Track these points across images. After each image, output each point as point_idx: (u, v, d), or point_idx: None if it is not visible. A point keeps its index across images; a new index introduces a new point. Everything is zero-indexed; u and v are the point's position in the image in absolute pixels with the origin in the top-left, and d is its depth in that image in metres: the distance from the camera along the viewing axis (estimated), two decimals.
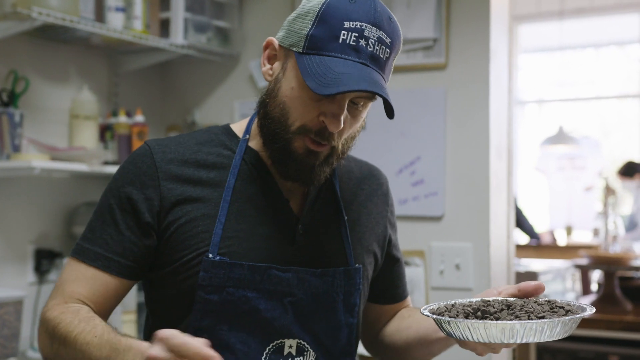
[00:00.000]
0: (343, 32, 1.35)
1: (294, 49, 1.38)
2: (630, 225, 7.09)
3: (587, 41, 9.03)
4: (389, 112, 1.38)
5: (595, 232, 7.35)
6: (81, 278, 1.43)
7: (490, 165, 2.84)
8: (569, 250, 6.81)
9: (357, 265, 1.52)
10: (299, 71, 1.36)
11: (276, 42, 1.44)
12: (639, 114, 8.33)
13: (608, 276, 4.09)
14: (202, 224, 1.42)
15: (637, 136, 8.45)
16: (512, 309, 1.28)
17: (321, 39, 1.36)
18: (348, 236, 1.53)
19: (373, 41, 1.36)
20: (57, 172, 2.90)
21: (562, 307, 1.28)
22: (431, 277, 2.90)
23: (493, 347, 1.30)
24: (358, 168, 1.66)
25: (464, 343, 1.32)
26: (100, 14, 2.89)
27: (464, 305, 1.32)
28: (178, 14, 3.08)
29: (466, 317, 1.26)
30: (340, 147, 1.43)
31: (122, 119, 3.03)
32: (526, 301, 1.32)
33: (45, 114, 2.95)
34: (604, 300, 4.08)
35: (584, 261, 4.27)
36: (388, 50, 1.38)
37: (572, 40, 8.53)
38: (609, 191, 4.55)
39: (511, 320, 1.22)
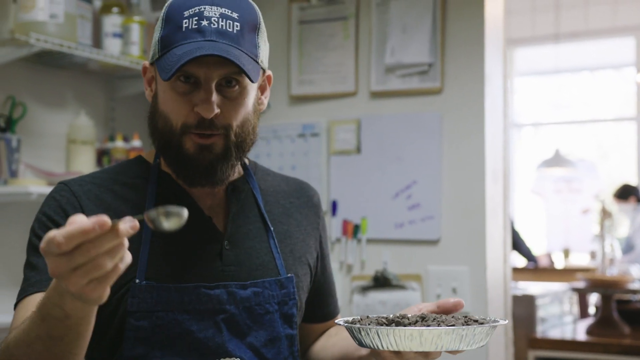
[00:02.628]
0: (184, 20, 1.37)
1: (154, 59, 1.41)
2: (627, 248, 7.09)
3: (583, 64, 9.07)
4: (249, 76, 1.36)
5: (593, 255, 7.35)
6: (29, 309, 1.27)
7: (487, 189, 2.84)
8: (566, 273, 6.81)
9: (289, 274, 1.51)
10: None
11: (147, 64, 1.47)
12: (635, 137, 8.35)
13: (605, 299, 4.09)
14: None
15: (633, 159, 8.46)
16: (425, 320, 1.28)
17: (168, 35, 1.38)
18: (277, 247, 1.52)
19: (215, 19, 1.36)
20: None
21: (476, 320, 1.29)
22: (428, 302, 2.89)
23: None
24: (285, 183, 1.65)
25: (377, 355, 1.31)
26: (97, 40, 2.91)
27: (379, 317, 1.32)
28: None
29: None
30: (233, 136, 1.40)
31: (119, 143, 3.04)
32: (443, 315, 1.33)
33: (43, 139, 2.96)
34: (602, 324, 4.07)
35: (581, 284, 4.27)
36: (238, 24, 1.38)
37: (567, 64, 8.56)
38: (605, 214, 4.55)
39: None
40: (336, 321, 1.33)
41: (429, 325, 1.24)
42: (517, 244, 7.15)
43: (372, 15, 3.04)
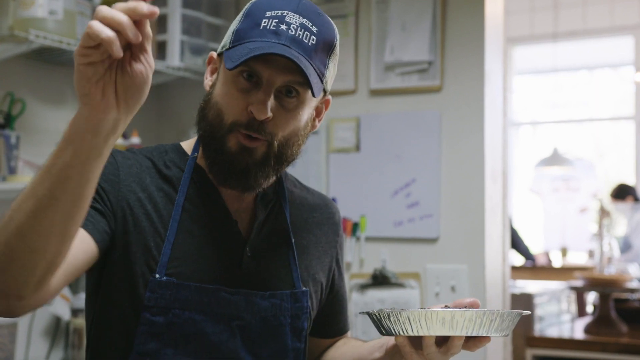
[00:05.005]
0: (264, 20, 1.36)
1: (224, 49, 1.39)
2: (625, 247, 7.09)
3: (581, 63, 9.08)
4: (312, 89, 1.34)
5: (590, 254, 7.35)
6: None
7: (486, 188, 2.84)
8: (564, 272, 6.81)
9: (304, 288, 1.50)
10: (228, 72, 1.37)
11: (215, 55, 1.46)
12: (633, 136, 8.36)
13: (603, 298, 4.09)
14: (151, 239, 1.38)
15: (631, 158, 8.47)
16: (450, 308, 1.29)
17: (244, 29, 1.37)
18: (296, 260, 1.51)
19: (295, 26, 1.35)
20: None
21: (498, 311, 1.30)
22: (427, 300, 2.90)
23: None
24: (311, 196, 1.63)
25: (394, 355, 1.30)
26: None
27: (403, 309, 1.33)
28: (174, 36, 3.10)
29: None
30: (276, 146, 1.38)
31: (118, 140, 3.04)
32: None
33: (42, 136, 2.95)
34: (600, 323, 4.07)
35: (579, 283, 4.27)
36: (314, 38, 1.36)
37: (565, 63, 8.57)
38: (603, 213, 4.56)
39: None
40: (361, 311, 1.32)
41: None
42: (515, 243, 7.15)
43: (372, 13, 3.04)
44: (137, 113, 1.10)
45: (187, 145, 1.51)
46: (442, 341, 1.27)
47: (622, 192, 7.36)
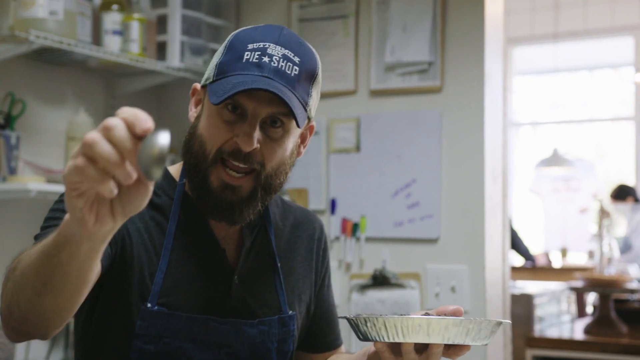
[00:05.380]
0: (247, 53, 1.37)
1: (208, 82, 1.41)
2: (625, 248, 7.09)
3: (581, 63, 9.07)
4: (296, 119, 1.36)
5: (590, 254, 7.35)
6: None
7: (486, 188, 2.84)
8: (564, 273, 6.81)
9: (290, 312, 1.51)
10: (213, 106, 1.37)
11: (199, 86, 1.46)
12: (633, 136, 8.36)
13: (603, 299, 4.09)
14: (146, 269, 1.39)
15: (631, 158, 8.47)
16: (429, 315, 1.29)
17: (227, 62, 1.38)
18: (282, 284, 1.52)
19: (277, 58, 1.37)
20: (52, 194, 2.89)
21: (476, 319, 1.29)
22: (427, 300, 2.90)
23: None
24: (293, 214, 1.63)
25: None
26: (97, 37, 2.91)
27: (381, 315, 1.32)
28: (175, 37, 3.10)
29: None
30: (264, 178, 1.39)
31: None
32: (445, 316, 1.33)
33: (42, 136, 2.96)
34: (600, 323, 4.07)
35: (579, 283, 4.27)
36: (297, 68, 1.38)
37: (566, 63, 8.57)
38: (603, 213, 4.55)
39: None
40: (340, 316, 1.34)
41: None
42: (515, 243, 7.15)
43: (372, 14, 3.04)
44: None
45: (175, 170, 1.51)
46: (423, 348, 1.27)
47: (622, 193, 7.36)
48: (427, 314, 1.31)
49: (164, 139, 0.90)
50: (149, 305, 1.37)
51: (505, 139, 3.08)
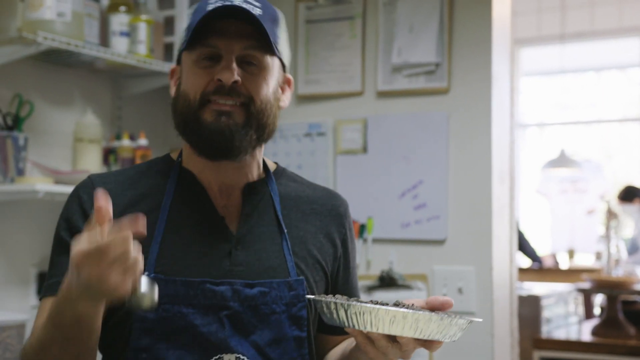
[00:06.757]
0: (209, 5, 1.43)
1: (182, 49, 1.48)
2: (632, 249, 7.08)
3: (588, 64, 9.06)
4: (270, 44, 1.43)
5: (598, 256, 7.34)
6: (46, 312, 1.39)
7: (493, 189, 2.84)
8: (572, 274, 6.80)
9: (299, 277, 1.51)
10: (189, 60, 1.45)
11: (175, 66, 1.54)
12: None
13: (611, 300, 4.09)
14: (141, 242, 1.41)
15: (639, 159, 8.45)
16: (403, 306, 1.28)
17: (193, 20, 1.45)
18: (290, 250, 1.52)
19: (239, 1, 1.43)
20: (60, 195, 2.90)
21: (445, 315, 1.27)
22: None
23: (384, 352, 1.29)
24: (312, 190, 1.65)
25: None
26: (104, 39, 2.92)
27: (359, 300, 1.31)
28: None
29: None
30: (254, 109, 1.44)
31: (126, 142, 3.05)
32: (421, 308, 1.30)
33: (49, 138, 2.96)
34: (607, 325, 4.07)
35: (586, 285, 4.27)
36: (259, 10, 1.43)
37: (573, 64, 8.56)
38: (611, 214, 4.55)
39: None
40: (307, 296, 1.40)
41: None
42: (522, 245, 7.14)
43: (379, 15, 3.04)
44: (144, 115, 1.13)
45: (175, 153, 1.60)
46: (394, 337, 1.27)
47: (629, 194, 7.35)
48: (396, 304, 1.30)
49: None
50: (145, 273, 1.39)
51: (513, 140, 3.08)
